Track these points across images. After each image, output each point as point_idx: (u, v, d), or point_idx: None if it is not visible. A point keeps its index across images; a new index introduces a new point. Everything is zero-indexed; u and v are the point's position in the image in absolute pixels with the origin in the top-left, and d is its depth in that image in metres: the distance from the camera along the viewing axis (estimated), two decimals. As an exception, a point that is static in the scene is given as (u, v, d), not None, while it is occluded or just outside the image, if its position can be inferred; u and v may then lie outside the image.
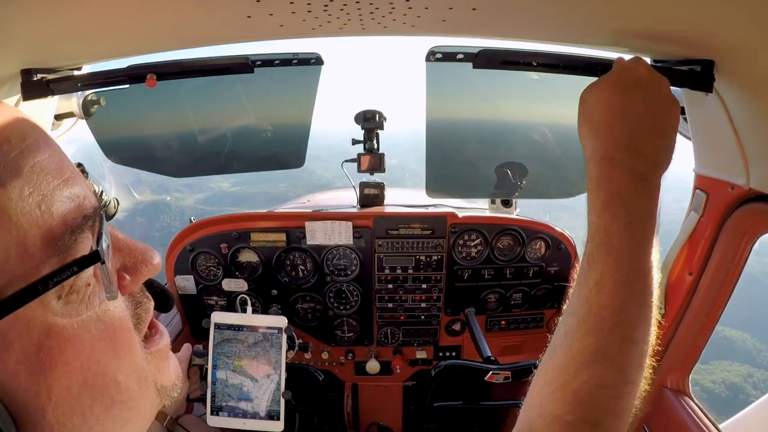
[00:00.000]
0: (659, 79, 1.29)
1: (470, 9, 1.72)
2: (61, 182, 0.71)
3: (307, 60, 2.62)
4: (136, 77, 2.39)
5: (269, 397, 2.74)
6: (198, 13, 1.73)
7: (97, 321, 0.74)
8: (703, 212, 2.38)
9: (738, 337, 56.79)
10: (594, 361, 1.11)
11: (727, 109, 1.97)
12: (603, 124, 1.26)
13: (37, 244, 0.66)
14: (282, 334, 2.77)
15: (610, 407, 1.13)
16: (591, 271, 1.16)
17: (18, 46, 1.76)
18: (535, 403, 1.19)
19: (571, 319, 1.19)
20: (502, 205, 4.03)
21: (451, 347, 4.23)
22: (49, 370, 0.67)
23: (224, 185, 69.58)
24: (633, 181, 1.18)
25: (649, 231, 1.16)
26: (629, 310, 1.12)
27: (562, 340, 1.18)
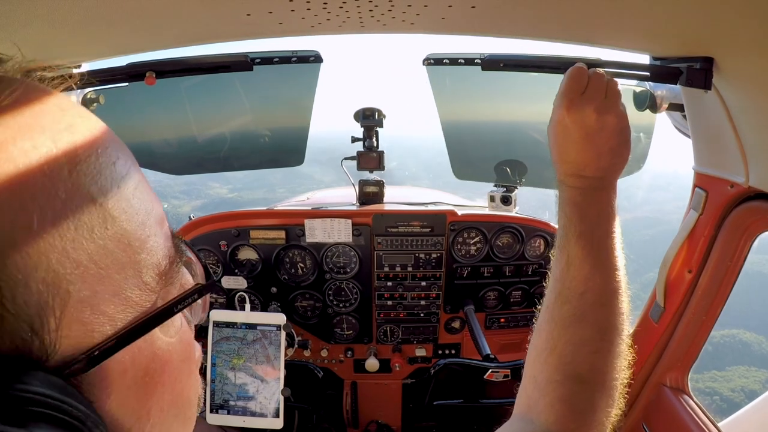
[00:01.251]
0: (602, 120, 1.44)
1: (469, 7, 1.72)
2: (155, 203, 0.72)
3: (306, 58, 2.63)
4: (136, 75, 2.39)
5: (268, 395, 2.74)
6: (197, 11, 1.73)
7: (181, 342, 0.75)
8: (703, 210, 2.38)
9: (754, 340, 55.45)
10: (572, 323, 1.29)
11: (726, 107, 1.97)
12: (554, 155, 1.52)
13: (151, 274, 0.66)
14: (281, 331, 2.77)
15: (593, 363, 1.27)
16: (561, 255, 1.39)
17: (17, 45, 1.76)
18: (529, 377, 1.34)
19: (550, 295, 1.39)
20: (502, 203, 4.02)
21: (451, 345, 4.23)
22: (151, 392, 0.67)
23: (222, 191, 69.44)
24: (580, 192, 1.44)
25: (603, 221, 1.39)
26: (595, 279, 1.32)
27: (543, 315, 1.38)
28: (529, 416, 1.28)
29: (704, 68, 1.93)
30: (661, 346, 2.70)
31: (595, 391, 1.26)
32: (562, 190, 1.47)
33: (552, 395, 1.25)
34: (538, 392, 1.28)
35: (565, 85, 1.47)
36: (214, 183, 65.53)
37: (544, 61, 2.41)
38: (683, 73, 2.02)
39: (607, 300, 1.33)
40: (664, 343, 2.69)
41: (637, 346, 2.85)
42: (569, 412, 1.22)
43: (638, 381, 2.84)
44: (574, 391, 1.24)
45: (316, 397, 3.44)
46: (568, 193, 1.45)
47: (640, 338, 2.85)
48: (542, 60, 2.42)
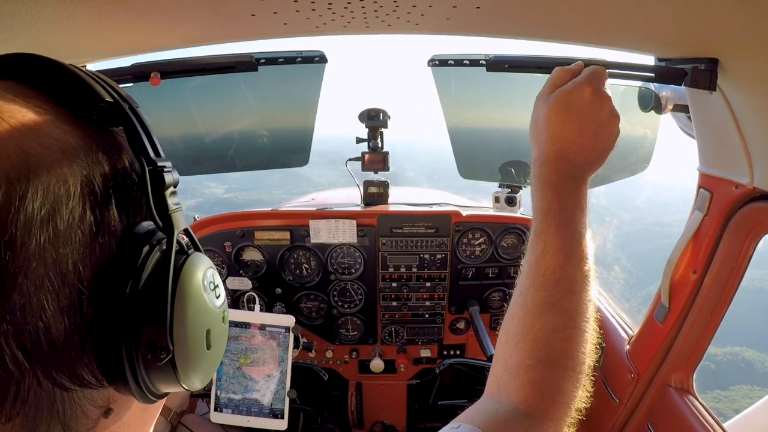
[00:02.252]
0: (601, 102, 1.46)
1: (474, 7, 1.72)
2: None
3: (311, 58, 2.63)
4: (141, 76, 2.40)
5: (274, 396, 2.75)
6: (202, 11, 1.73)
7: None
8: (707, 211, 2.38)
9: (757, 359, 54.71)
10: (545, 310, 1.31)
11: (731, 108, 1.97)
12: (543, 134, 1.50)
13: None
14: (289, 333, 2.78)
15: (564, 348, 1.30)
16: (537, 242, 1.39)
17: (22, 45, 1.76)
18: (500, 359, 1.39)
19: (524, 281, 1.39)
20: (506, 204, 4.02)
21: (456, 346, 4.23)
22: None
23: (218, 191, 69.13)
24: (564, 178, 1.43)
25: (579, 212, 1.41)
26: (569, 268, 1.34)
27: (517, 299, 1.38)
28: (498, 396, 1.35)
29: (709, 69, 1.93)
30: (665, 347, 2.70)
31: (564, 375, 1.30)
32: (545, 171, 1.45)
33: (522, 378, 1.29)
34: (509, 374, 1.33)
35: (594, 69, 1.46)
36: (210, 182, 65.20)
37: (548, 62, 2.41)
38: (688, 74, 2.02)
39: (579, 287, 1.36)
40: (669, 343, 2.68)
41: (642, 347, 2.86)
42: (538, 393, 1.27)
43: (643, 381, 2.84)
44: (545, 375, 1.28)
45: (321, 399, 3.44)
46: (552, 177, 1.44)
47: (645, 339, 2.85)
48: (547, 61, 2.42)
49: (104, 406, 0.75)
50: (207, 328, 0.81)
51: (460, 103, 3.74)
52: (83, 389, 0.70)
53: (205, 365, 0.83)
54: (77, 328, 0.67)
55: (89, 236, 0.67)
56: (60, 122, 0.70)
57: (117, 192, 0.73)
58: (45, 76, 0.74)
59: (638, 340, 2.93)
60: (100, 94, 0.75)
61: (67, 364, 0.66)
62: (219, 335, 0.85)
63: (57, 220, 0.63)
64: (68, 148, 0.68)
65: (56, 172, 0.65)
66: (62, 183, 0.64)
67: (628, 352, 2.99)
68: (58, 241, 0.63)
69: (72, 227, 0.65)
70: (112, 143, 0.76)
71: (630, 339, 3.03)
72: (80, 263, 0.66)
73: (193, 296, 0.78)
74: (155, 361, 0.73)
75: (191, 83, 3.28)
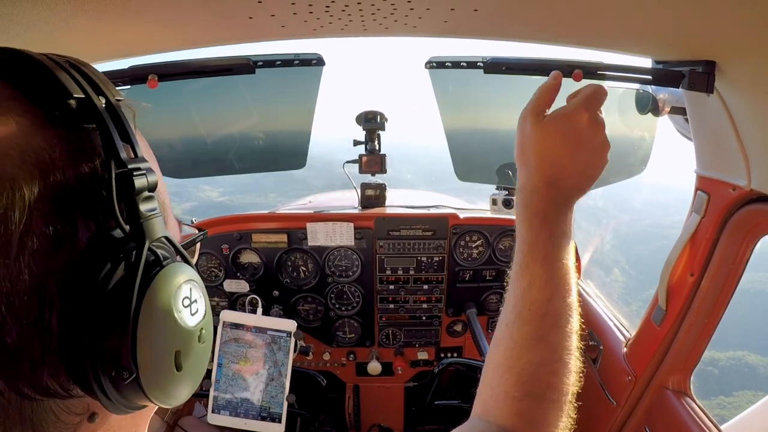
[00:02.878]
0: (596, 129, 1.43)
1: (472, 10, 1.72)
2: None
3: (308, 60, 2.62)
4: (138, 78, 2.39)
5: (272, 399, 2.75)
6: (200, 13, 1.73)
7: None
8: (705, 213, 2.38)
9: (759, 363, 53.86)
10: (531, 344, 1.31)
11: (729, 110, 1.97)
12: (533, 160, 1.45)
13: None
14: (291, 338, 2.78)
15: (550, 381, 1.30)
16: (523, 275, 1.37)
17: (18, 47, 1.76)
18: (487, 386, 1.37)
19: (509, 313, 1.39)
20: (504, 206, 4.02)
21: (453, 348, 4.22)
22: None
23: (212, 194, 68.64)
24: (553, 206, 1.39)
25: (566, 241, 1.39)
26: (555, 302, 1.33)
27: (503, 332, 1.38)
28: (485, 417, 1.33)
29: (706, 72, 1.93)
30: (663, 349, 2.70)
31: (550, 407, 1.30)
32: (535, 200, 1.40)
33: (509, 409, 1.29)
34: (495, 402, 1.32)
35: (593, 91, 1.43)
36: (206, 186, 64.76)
37: (546, 64, 2.41)
38: (685, 76, 2.03)
39: (564, 321, 1.35)
40: (666, 346, 2.68)
41: (639, 349, 2.86)
42: (525, 424, 1.27)
43: (640, 384, 2.84)
44: (531, 407, 1.28)
45: (318, 404, 3.43)
46: (542, 206, 1.39)
47: (643, 341, 2.85)
48: (544, 63, 2.42)
49: (84, 413, 0.74)
50: (176, 349, 0.76)
51: (457, 105, 3.75)
52: (52, 399, 0.69)
53: (176, 386, 0.79)
54: (38, 339, 0.65)
55: (48, 246, 0.65)
56: (22, 122, 0.66)
57: (82, 197, 0.69)
58: (12, 68, 0.71)
59: (635, 343, 2.93)
60: (69, 89, 0.71)
61: (29, 374, 0.65)
62: (192, 355, 0.80)
63: (10, 230, 0.61)
64: (27, 152, 0.64)
65: (11, 178, 0.62)
66: (17, 190, 0.61)
67: (625, 354, 2.99)
68: (10, 251, 0.61)
69: (27, 237, 0.62)
70: (80, 143, 0.72)
71: (627, 341, 3.04)
72: (39, 274, 0.63)
73: (160, 314, 0.74)
74: (120, 380, 0.70)
75: (189, 86, 3.27)
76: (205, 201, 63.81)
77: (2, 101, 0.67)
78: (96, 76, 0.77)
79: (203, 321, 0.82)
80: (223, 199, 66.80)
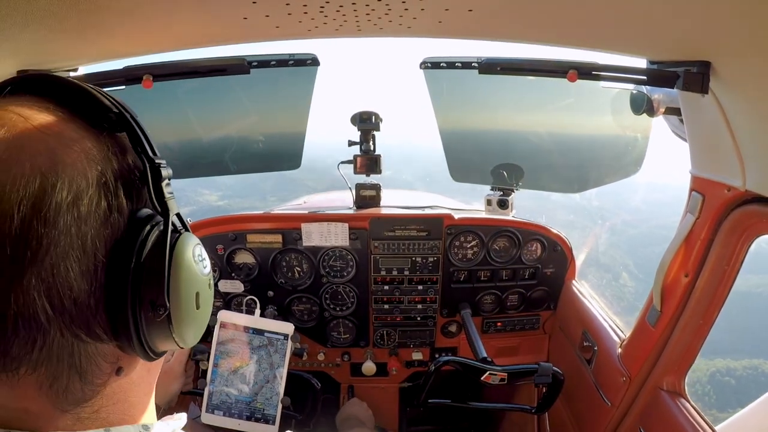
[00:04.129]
0: None
1: (466, 10, 1.72)
2: None
3: (303, 61, 2.63)
4: (133, 78, 2.39)
5: (266, 401, 2.74)
6: (194, 14, 1.73)
7: None
8: (699, 214, 2.38)
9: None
10: None
11: (723, 111, 1.98)
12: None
13: None
14: (288, 341, 2.78)
15: None
16: None
17: (14, 48, 1.75)
18: None
19: None
20: (498, 207, 4.02)
21: (447, 349, 4.22)
22: None
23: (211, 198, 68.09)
24: None
25: None
26: None
27: None
28: None
29: (701, 72, 1.93)
30: (657, 350, 2.70)
31: None
32: None
33: None
34: None
35: None
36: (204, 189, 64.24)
37: (540, 64, 2.42)
38: (680, 77, 2.03)
39: None
40: (661, 347, 2.69)
41: (634, 350, 2.87)
42: None
43: (635, 385, 2.84)
44: None
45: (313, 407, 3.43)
46: None
47: (637, 342, 2.86)
48: (539, 63, 2.42)
49: (114, 362, 0.92)
50: (196, 291, 0.99)
51: (452, 106, 3.75)
52: (96, 343, 0.86)
53: (194, 323, 1.00)
54: (93, 291, 0.83)
55: (104, 218, 0.84)
56: (77, 128, 0.87)
57: (124, 184, 0.90)
58: (61, 92, 0.91)
59: (630, 344, 2.93)
60: (108, 106, 0.92)
61: (84, 320, 0.83)
62: (206, 298, 1.03)
63: (79, 205, 0.80)
64: (86, 149, 0.85)
65: (78, 167, 0.82)
66: (83, 176, 0.82)
67: (620, 355, 2.99)
68: (80, 221, 0.80)
69: (90, 211, 0.82)
70: (119, 145, 0.93)
71: (622, 342, 3.04)
72: (97, 239, 0.83)
73: (185, 265, 0.96)
74: (155, 317, 0.90)
75: (183, 86, 3.27)
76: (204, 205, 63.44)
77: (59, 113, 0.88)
78: (114, 98, 0.96)
79: (210, 273, 1.06)
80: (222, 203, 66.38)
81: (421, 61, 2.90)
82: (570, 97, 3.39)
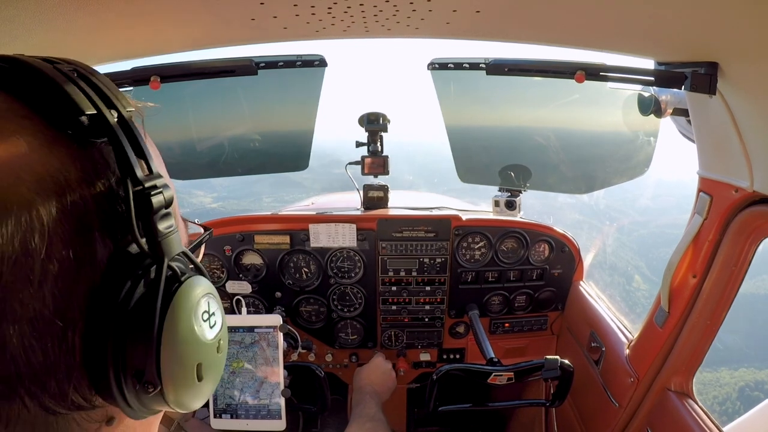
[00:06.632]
0: None
1: (474, 11, 1.72)
2: None
3: (310, 62, 2.63)
4: (140, 79, 2.40)
5: (269, 397, 2.75)
6: (202, 15, 1.73)
7: None
8: (707, 215, 2.38)
9: None
10: None
11: (731, 112, 1.97)
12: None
13: None
14: (277, 332, 2.77)
15: None
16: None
17: (21, 49, 1.76)
18: None
19: None
20: (506, 208, 4.02)
21: (455, 350, 4.23)
22: None
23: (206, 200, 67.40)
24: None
25: None
26: None
27: None
28: None
29: (709, 73, 1.93)
30: (665, 351, 2.70)
31: None
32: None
33: None
34: None
35: None
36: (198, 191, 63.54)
37: (548, 65, 2.41)
38: (688, 78, 2.03)
39: None
40: (669, 347, 2.68)
41: (641, 351, 2.86)
42: None
43: (643, 385, 2.83)
44: None
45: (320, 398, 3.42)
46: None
47: (645, 343, 2.85)
48: (547, 65, 2.42)
49: (103, 420, 0.76)
50: (198, 362, 0.79)
51: (459, 107, 3.75)
52: (74, 412, 0.71)
53: (197, 395, 0.82)
54: (63, 358, 0.66)
55: (69, 268, 0.65)
56: (35, 143, 0.65)
57: (100, 216, 0.70)
58: (22, 83, 0.70)
59: (638, 345, 2.93)
60: (79, 105, 0.70)
61: (54, 390, 0.66)
62: (212, 367, 0.83)
63: (31, 255, 0.61)
64: (42, 175, 0.64)
65: (27, 204, 0.61)
66: (34, 215, 0.61)
67: (627, 356, 2.98)
68: (33, 276, 0.61)
69: (49, 260, 0.63)
70: (94, 161, 0.71)
71: (630, 343, 3.03)
72: (61, 296, 0.64)
73: (182, 330, 0.76)
74: (144, 393, 0.73)
75: (191, 87, 3.28)
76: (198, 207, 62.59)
77: (13, 120, 0.66)
78: (106, 86, 0.77)
79: (221, 332, 0.85)
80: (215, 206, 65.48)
81: (429, 62, 2.90)
82: (577, 98, 3.39)
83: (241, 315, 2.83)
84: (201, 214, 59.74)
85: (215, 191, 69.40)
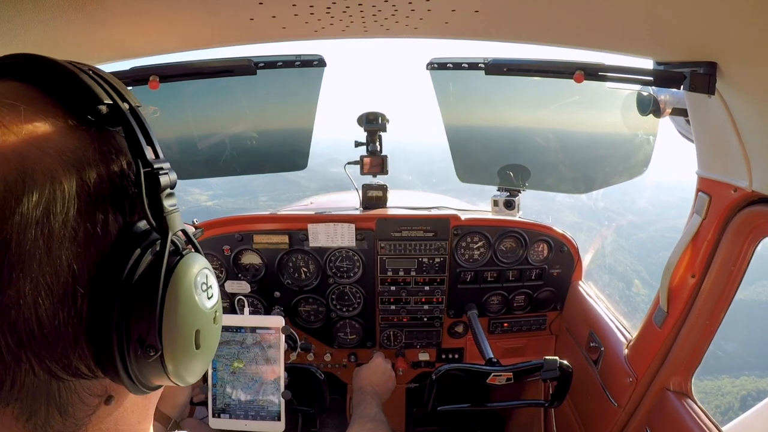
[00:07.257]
0: None
1: (473, 11, 1.72)
2: None
3: (309, 62, 2.63)
4: (139, 79, 2.40)
5: (269, 398, 2.75)
6: (201, 15, 1.73)
7: None
8: (706, 215, 2.38)
9: None
10: None
11: (730, 111, 1.97)
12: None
13: None
14: (280, 334, 2.77)
15: None
16: None
17: (19, 49, 1.76)
18: None
19: None
20: (505, 207, 4.02)
21: (454, 350, 4.23)
22: None
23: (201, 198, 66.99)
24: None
25: None
26: None
27: None
28: None
29: (708, 73, 1.93)
30: (664, 351, 2.70)
31: None
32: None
33: None
34: None
35: None
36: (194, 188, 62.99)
37: (547, 65, 2.41)
38: (687, 77, 2.02)
39: None
40: (668, 347, 2.68)
41: (640, 351, 2.86)
42: None
43: (641, 385, 2.84)
44: None
45: (319, 399, 3.42)
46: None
47: (644, 343, 2.85)
48: (545, 65, 2.42)
49: (103, 395, 0.81)
50: (196, 329, 0.84)
51: (458, 107, 3.75)
52: (77, 379, 0.76)
53: (194, 364, 0.87)
54: (71, 323, 0.71)
55: (84, 236, 0.72)
56: (59, 125, 0.74)
57: (113, 193, 0.77)
58: (47, 77, 0.77)
59: (637, 344, 2.93)
60: (98, 96, 0.78)
61: (60, 355, 0.72)
62: (209, 335, 0.88)
63: (52, 221, 0.67)
64: (64, 151, 0.71)
65: (51, 175, 0.68)
66: (57, 186, 0.68)
67: (626, 356, 2.99)
68: (52, 241, 0.67)
69: (66, 228, 0.69)
70: (109, 144, 0.80)
71: (628, 343, 3.03)
72: (75, 262, 0.70)
73: (183, 298, 0.82)
74: (145, 358, 0.77)
75: (190, 87, 3.28)
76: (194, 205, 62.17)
77: (40, 105, 0.74)
78: (116, 83, 0.85)
79: (217, 304, 0.91)
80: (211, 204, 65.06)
81: (428, 62, 2.90)
82: (576, 98, 3.39)
83: (244, 315, 2.83)
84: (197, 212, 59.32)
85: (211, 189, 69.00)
